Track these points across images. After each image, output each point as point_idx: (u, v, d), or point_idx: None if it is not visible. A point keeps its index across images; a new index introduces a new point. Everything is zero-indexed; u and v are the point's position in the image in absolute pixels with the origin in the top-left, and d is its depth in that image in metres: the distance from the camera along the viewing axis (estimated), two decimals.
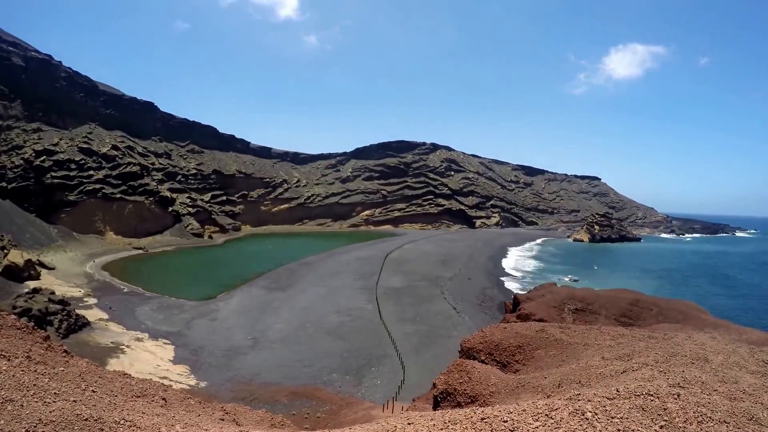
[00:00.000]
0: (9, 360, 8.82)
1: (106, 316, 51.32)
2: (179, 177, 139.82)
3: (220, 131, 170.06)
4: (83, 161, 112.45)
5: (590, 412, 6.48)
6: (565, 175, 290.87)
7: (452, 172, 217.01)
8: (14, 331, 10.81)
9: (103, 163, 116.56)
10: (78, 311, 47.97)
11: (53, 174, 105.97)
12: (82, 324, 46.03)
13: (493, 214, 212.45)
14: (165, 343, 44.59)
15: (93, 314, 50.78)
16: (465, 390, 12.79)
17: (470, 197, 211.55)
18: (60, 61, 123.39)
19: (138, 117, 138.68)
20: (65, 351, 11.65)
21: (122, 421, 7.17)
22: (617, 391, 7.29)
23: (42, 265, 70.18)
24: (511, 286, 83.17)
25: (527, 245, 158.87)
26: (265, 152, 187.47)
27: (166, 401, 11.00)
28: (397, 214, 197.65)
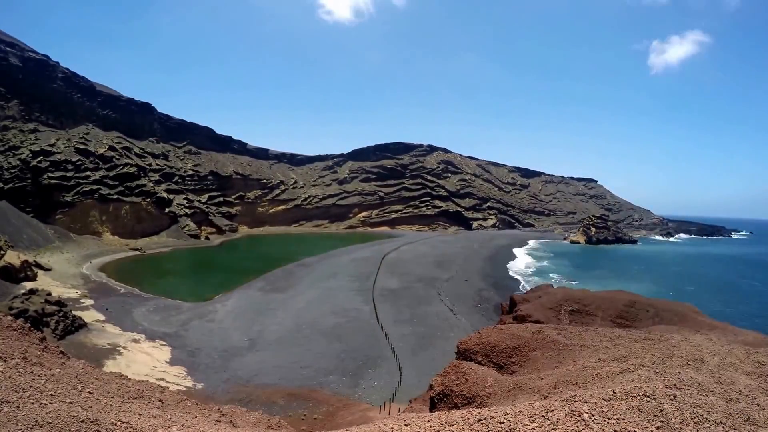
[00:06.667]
0: (5, 361, 8.78)
1: (102, 318, 51.14)
2: (176, 178, 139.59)
3: (217, 132, 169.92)
4: (80, 162, 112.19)
5: (587, 413, 6.50)
6: (562, 177, 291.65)
7: (449, 174, 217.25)
8: (10, 333, 10.77)
9: (100, 163, 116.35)
10: (74, 312, 47.79)
11: (50, 175, 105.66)
12: (79, 325, 45.85)
13: (490, 216, 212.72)
14: (162, 345, 44.46)
15: (89, 315, 50.60)
16: (462, 391, 12.79)
17: (467, 199, 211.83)
18: (57, 62, 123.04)
19: (135, 118, 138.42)
20: (62, 352, 11.61)
21: (119, 423, 7.14)
22: (614, 392, 7.31)
23: (38, 266, 69.91)
24: (508, 287, 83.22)
25: (524, 247, 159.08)
26: (262, 153, 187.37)
27: (162, 403, 10.97)
28: (394, 215, 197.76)
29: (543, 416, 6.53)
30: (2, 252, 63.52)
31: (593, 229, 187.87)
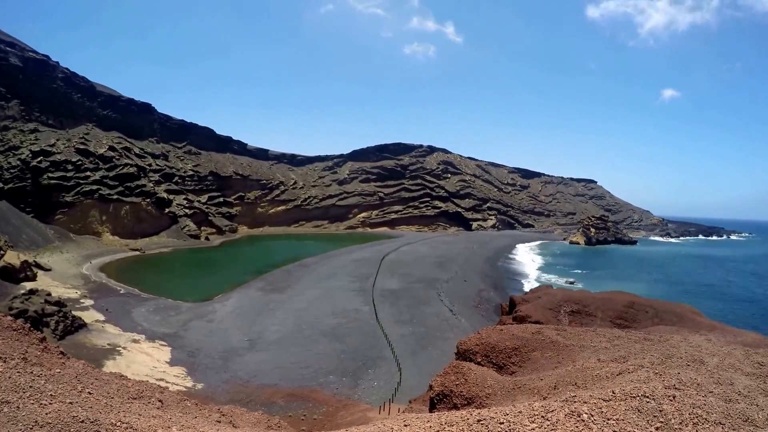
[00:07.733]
0: (5, 362, 8.79)
1: (102, 318, 51.12)
2: (176, 178, 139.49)
3: (217, 132, 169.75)
4: (80, 162, 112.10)
5: (586, 413, 6.52)
6: (562, 177, 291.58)
7: (449, 175, 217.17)
8: (10, 333, 10.78)
9: (100, 164, 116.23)
10: (74, 313, 47.74)
11: (50, 175, 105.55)
12: (79, 325, 45.84)
13: (490, 217, 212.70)
14: (161, 345, 44.45)
15: (89, 316, 50.57)
16: (461, 392, 12.80)
17: (467, 199, 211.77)
18: (57, 62, 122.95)
19: (135, 118, 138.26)
20: (61, 353, 11.62)
21: (119, 423, 7.16)
22: (613, 392, 7.33)
23: (38, 266, 69.88)
24: (508, 288, 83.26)
25: (523, 247, 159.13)
26: (262, 154, 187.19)
27: (162, 403, 10.99)
28: (393, 216, 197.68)
29: (542, 417, 6.54)
30: (2, 252, 63.51)
31: (593, 230, 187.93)
